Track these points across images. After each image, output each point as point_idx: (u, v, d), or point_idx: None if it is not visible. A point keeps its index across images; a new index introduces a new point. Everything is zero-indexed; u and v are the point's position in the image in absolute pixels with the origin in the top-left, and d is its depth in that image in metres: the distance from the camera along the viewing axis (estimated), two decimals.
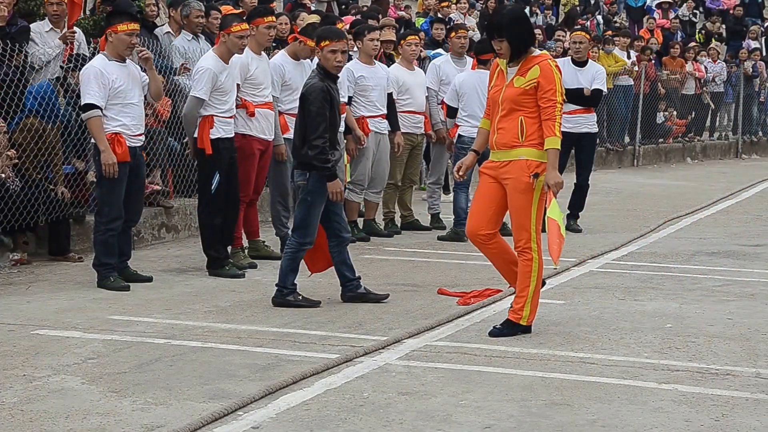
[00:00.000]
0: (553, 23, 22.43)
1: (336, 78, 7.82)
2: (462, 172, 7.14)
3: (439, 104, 11.56)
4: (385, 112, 10.87)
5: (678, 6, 26.36)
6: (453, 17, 18.71)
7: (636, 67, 19.51)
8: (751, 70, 22.83)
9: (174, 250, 10.26)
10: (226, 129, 8.89)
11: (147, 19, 11.80)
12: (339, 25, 9.63)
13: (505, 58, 6.90)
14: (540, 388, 5.76)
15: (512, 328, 6.93)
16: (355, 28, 11.22)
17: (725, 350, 6.64)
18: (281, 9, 16.96)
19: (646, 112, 20.25)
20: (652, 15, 25.07)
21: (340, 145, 9.30)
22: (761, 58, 23.45)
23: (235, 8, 12.15)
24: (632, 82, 19.40)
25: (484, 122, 7.09)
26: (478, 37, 17.35)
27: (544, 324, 7.16)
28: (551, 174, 6.72)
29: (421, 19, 19.38)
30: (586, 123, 11.74)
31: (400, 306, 7.81)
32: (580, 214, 11.95)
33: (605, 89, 12.06)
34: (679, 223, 12.61)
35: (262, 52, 9.46)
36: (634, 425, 5.18)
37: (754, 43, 24.52)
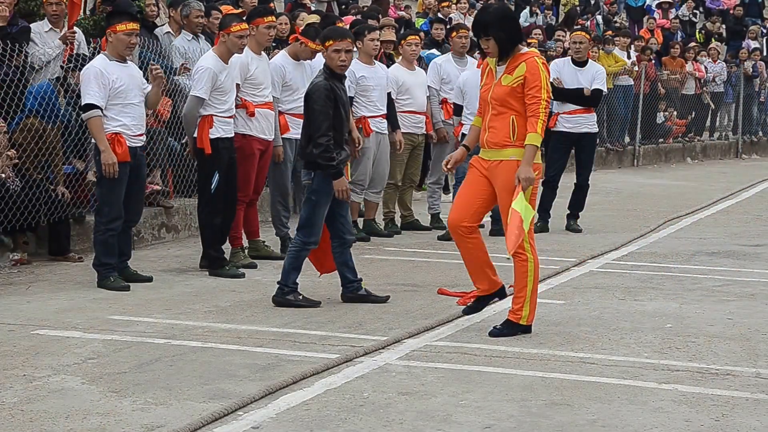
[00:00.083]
0: (553, 23, 22.41)
1: (342, 77, 7.83)
2: (450, 166, 7.16)
3: (440, 103, 11.57)
4: (386, 111, 10.88)
5: (678, 6, 26.36)
6: (453, 17, 18.71)
7: (636, 67, 19.50)
8: (751, 70, 22.83)
9: (174, 250, 10.26)
10: (225, 129, 8.90)
11: (147, 19, 11.80)
12: (339, 25, 9.63)
13: (493, 57, 6.92)
14: (540, 388, 5.76)
15: (512, 328, 6.93)
16: (355, 28, 11.20)
17: (725, 350, 6.64)
18: (281, 9, 16.96)
19: (646, 112, 20.24)
20: (652, 15, 25.07)
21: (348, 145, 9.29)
22: (761, 58, 23.44)
23: (235, 8, 12.16)
24: (632, 82, 19.39)
25: (477, 120, 7.14)
26: None
27: (544, 324, 7.17)
28: (524, 168, 6.71)
29: (421, 20, 19.39)
30: (586, 123, 11.75)
31: (400, 306, 7.81)
32: (580, 214, 11.96)
33: (605, 89, 12.07)
34: (679, 223, 12.61)
35: (262, 52, 9.47)
36: (634, 425, 5.18)
37: (754, 43, 24.51)
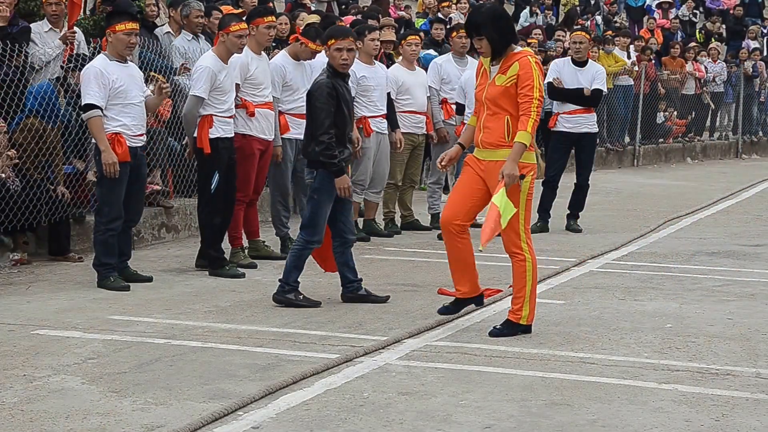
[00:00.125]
0: (553, 23, 22.42)
1: (345, 76, 7.83)
2: (445, 163, 7.16)
3: (440, 103, 11.57)
4: (386, 111, 10.88)
5: (678, 6, 26.37)
6: (453, 17, 18.71)
7: (636, 67, 19.50)
8: (751, 70, 22.83)
9: (174, 250, 10.26)
10: (225, 129, 8.89)
11: (147, 19, 11.80)
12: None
13: (486, 57, 6.92)
14: (540, 388, 5.76)
15: (512, 328, 6.94)
16: (355, 28, 11.20)
17: (725, 350, 6.64)
18: (281, 9, 16.97)
19: (646, 112, 20.24)
20: (652, 15, 25.08)
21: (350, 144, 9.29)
22: (761, 58, 23.44)
23: (235, 8, 12.16)
24: (632, 82, 19.39)
25: (473, 119, 7.14)
26: None
27: (544, 324, 7.17)
28: (509, 165, 6.70)
29: (421, 20, 19.38)
30: (586, 123, 11.75)
31: (400, 306, 7.81)
32: (580, 214, 11.96)
33: (605, 89, 12.07)
34: (679, 223, 12.61)
35: (262, 52, 9.47)
36: (634, 425, 5.18)
37: (754, 43, 24.51)
